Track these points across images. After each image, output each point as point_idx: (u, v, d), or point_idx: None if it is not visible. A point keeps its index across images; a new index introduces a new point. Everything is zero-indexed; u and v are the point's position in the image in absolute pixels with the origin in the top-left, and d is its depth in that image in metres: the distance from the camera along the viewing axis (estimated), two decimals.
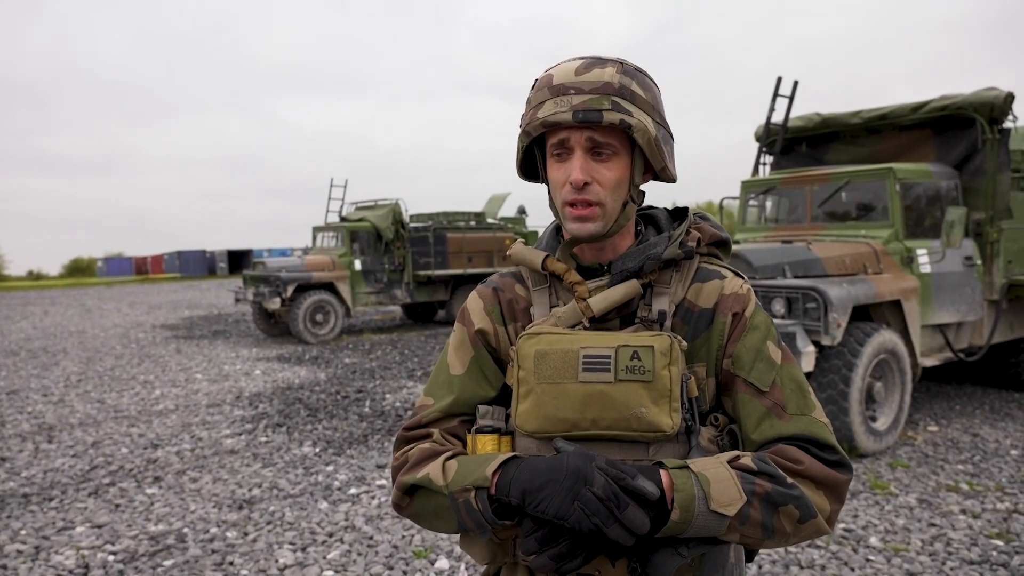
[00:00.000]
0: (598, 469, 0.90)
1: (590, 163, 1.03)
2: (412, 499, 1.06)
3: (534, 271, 1.15)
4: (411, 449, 1.10)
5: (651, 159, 1.07)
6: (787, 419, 1.03)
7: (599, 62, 1.05)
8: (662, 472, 0.94)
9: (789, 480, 0.96)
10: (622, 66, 1.05)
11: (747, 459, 0.97)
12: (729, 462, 0.97)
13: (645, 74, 1.08)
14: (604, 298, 1.06)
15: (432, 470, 1.03)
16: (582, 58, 1.06)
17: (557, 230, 1.20)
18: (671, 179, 1.14)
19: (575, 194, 1.03)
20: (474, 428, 1.10)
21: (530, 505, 0.91)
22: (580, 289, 1.08)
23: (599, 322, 1.08)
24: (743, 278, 1.14)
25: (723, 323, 1.09)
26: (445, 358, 1.18)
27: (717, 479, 0.93)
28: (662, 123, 1.08)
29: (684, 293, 1.11)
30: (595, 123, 1.00)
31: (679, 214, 1.20)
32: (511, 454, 0.99)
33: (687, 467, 0.94)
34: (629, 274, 1.08)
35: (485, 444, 1.07)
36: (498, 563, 1.10)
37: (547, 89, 1.04)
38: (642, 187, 1.12)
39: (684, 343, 1.02)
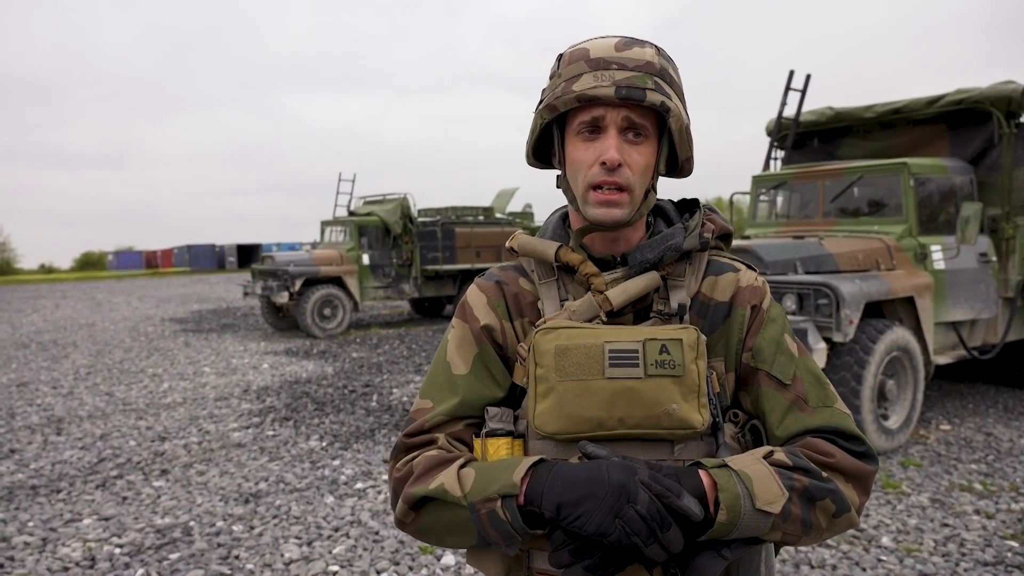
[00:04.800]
0: (642, 485, 0.85)
1: (622, 144, 0.98)
2: (419, 513, 0.97)
3: (541, 263, 1.09)
4: (415, 458, 1.01)
5: (679, 147, 1.03)
6: (810, 412, 1.00)
7: (637, 41, 1.00)
8: (701, 473, 0.89)
9: (824, 474, 0.93)
10: (658, 49, 1.01)
11: (781, 454, 0.94)
12: (764, 457, 0.93)
13: (674, 61, 1.05)
14: (623, 290, 1.01)
15: (447, 480, 0.93)
16: (617, 36, 1.01)
17: (563, 219, 1.14)
18: (690, 171, 1.10)
19: (605, 175, 0.98)
20: (484, 432, 1.01)
21: (566, 519, 0.85)
22: (597, 281, 1.02)
23: (613, 317, 1.03)
24: (755, 270, 1.10)
25: (742, 316, 1.05)
26: (444, 356, 1.09)
27: (758, 476, 0.89)
28: (688, 113, 1.05)
29: (698, 286, 1.06)
30: (637, 101, 0.95)
31: (685, 206, 1.16)
32: (537, 458, 0.92)
33: (727, 466, 0.90)
34: (648, 265, 1.03)
35: (498, 449, 0.99)
36: None
37: (584, 62, 0.98)
38: None
39: (704, 337, 0.98)
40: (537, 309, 1.08)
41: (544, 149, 1.12)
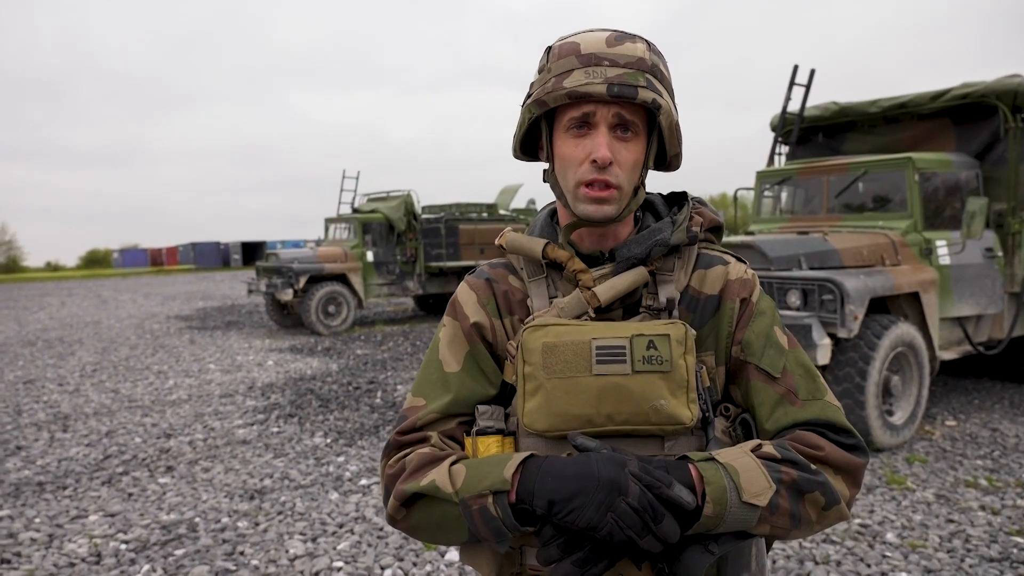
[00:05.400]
0: (632, 477, 0.85)
1: (612, 142, 0.98)
2: (410, 510, 0.97)
3: (530, 260, 1.09)
4: (407, 455, 1.01)
5: (668, 143, 1.03)
6: (799, 405, 1.00)
7: (628, 36, 0.99)
8: (690, 467, 0.89)
9: (813, 467, 0.93)
10: (649, 44, 1.00)
11: (769, 447, 0.94)
12: (752, 451, 0.93)
13: (663, 57, 1.04)
14: (611, 286, 1.01)
15: (438, 476, 0.93)
16: (608, 30, 1.00)
17: (551, 216, 1.14)
18: (678, 166, 1.10)
19: (596, 173, 0.97)
20: (474, 430, 1.01)
21: (557, 515, 0.85)
22: (584, 278, 1.02)
23: (603, 313, 1.03)
24: (745, 262, 1.10)
25: (731, 309, 1.04)
26: (436, 355, 1.08)
27: (745, 469, 0.89)
28: (677, 108, 1.05)
29: (687, 280, 1.06)
30: (629, 99, 0.94)
31: (674, 199, 1.15)
32: (527, 453, 0.92)
33: (713, 459, 0.90)
34: (635, 261, 1.02)
35: (488, 447, 0.99)
36: (504, 574, 1.03)
37: (575, 57, 0.97)
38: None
39: (693, 332, 0.97)
40: (527, 306, 1.08)
41: (531, 142, 1.12)
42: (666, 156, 1.08)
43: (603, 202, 0.98)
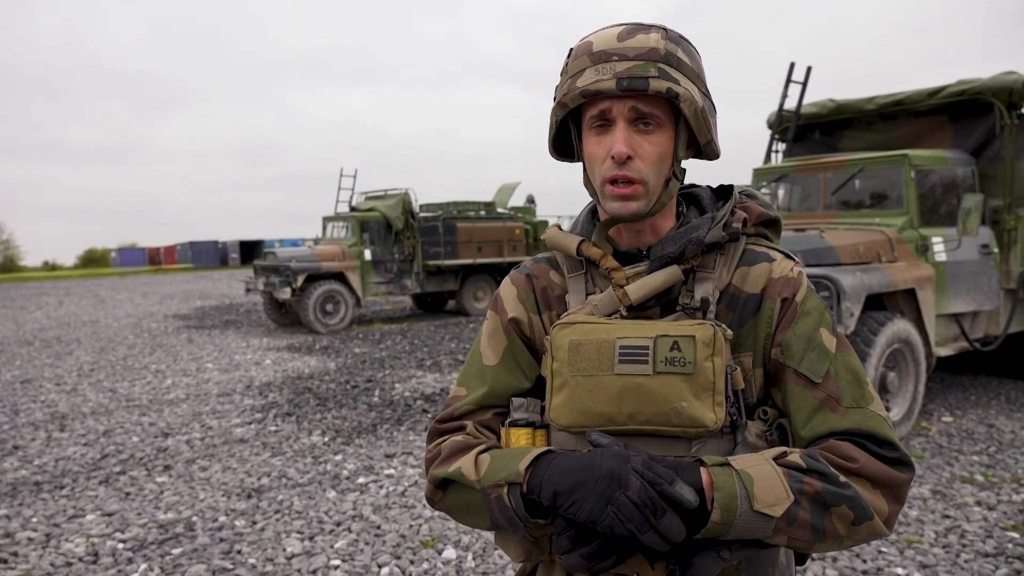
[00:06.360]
0: (634, 472, 0.85)
1: (632, 136, 0.96)
2: (445, 493, 1.03)
3: (569, 257, 1.09)
4: (443, 441, 1.06)
5: (696, 131, 1.00)
6: (841, 412, 0.94)
7: (642, 27, 0.98)
8: (702, 470, 0.88)
9: (842, 479, 0.88)
10: (666, 32, 0.99)
11: (795, 456, 0.90)
12: (776, 459, 0.89)
13: (688, 41, 1.01)
14: (642, 285, 0.99)
15: (464, 464, 0.98)
16: (623, 24, 1.00)
17: (592, 212, 1.13)
18: (716, 154, 1.06)
19: (616, 169, 0.96)
20: (508, 421, 1.05)
21: (561, 507, 0.87)
22: (617, 276, 1.01)
23: (638, 310, 1.01)
24: (794, 260, 1.05)
25: (771, 309, 1.00)
26: (478, 347, 1.12)
27: (761, 477, 0.86)
28: (707, 94, 1.01)
29: (729, 278, 1.02)
30: (640, 91, 0.93)
31: (723, 192, 1.12)
32: (544, 448, 0.95)
33: (728, 464, 0.88)
34: (669, 259, 1.00)
35: (519, 438, 1.02)
36: (534, 560, 1.06)
37: (587, 56, 0.97)
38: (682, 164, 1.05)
39: (729, 332, 0.95)
40: (564, 302, 1.09)
41: (568, 142, 1.12)
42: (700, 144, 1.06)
43: (627, 198, 0.98)
